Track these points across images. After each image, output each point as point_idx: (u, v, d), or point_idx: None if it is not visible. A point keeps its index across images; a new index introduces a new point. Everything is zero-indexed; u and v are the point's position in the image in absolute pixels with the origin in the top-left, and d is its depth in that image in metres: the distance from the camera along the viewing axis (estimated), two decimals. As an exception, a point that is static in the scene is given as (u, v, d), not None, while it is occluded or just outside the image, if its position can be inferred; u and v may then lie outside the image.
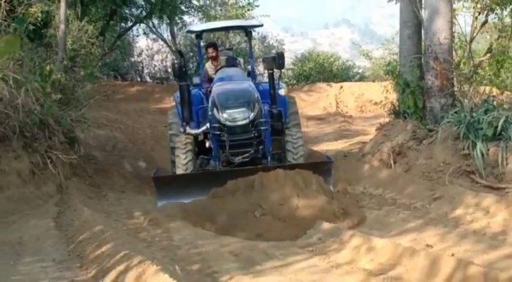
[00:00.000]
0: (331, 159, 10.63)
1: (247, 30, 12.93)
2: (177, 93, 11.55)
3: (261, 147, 10.25)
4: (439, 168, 11.18)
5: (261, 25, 12.91)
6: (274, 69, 10.93)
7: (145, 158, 14.73)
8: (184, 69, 10.80)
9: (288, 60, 24.88)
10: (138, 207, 10.57)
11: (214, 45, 12.73)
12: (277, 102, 10.79)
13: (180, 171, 10.85)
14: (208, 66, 12.38)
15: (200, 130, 10.61)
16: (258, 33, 28.04)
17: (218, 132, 10.13)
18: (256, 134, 10.08)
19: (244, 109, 9.93)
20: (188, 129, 10.61)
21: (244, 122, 9.89)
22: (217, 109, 10.00)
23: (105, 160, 14.49)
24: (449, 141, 11.39)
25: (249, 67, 12.92)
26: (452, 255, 7.45)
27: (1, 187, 11.26)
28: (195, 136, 10.82)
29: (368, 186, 11.90)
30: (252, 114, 9.96)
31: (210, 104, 10.36)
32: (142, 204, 10.88)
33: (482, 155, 10.59)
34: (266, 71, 11.99)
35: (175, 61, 11.49)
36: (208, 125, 10.58)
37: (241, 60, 14.18)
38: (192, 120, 10.85)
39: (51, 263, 8.29)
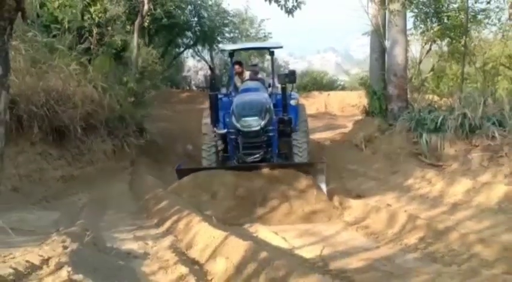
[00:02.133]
0: (324, 160, 9.27)
1: (270, 51, 11.85)
2: None
3: (269, 149, 9.29)
4: (396, 151, 11.18)
5: (281, 47, 11.56)
6: (287, 84, 9.77)
7: (192, 143, 14.66)
8: (213, 81, 9.84)
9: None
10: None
11: (240, 63, 11.68)
12: (288, 111, 9.70)
13: (205, 163, 10.12)
14: (236, 79, 11.27)
15: (225, 131, 9.49)
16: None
17: (234, 137, 9.22)
18: (265, 139, 9.13)
19: (256, 118, 8.85)
20: (216, 130, 9.63)
21: (256, 128, 8.83)
22: (235, 117, 8.96)
23: (163, 144, 14.50)
24: (403, 132, 11.39)
25: (271, 80, 11.53)
26: (405, 211, 7.43)
27: (92, 161, 11.37)
28: (223, 135, 9.69)
29: (346, 163, 11.90)
30: (263, 122, 8.87)
31: (230, 113, 9.30)
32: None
33: (427, 142, 10.58)
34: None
35: (207, 74, 10.88)
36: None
37: (264, 74, 13.44)
38: (219, 122, 9.76)
39: (126, 213, 8.36)
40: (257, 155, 9.03)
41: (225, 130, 9.48)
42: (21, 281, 4.50)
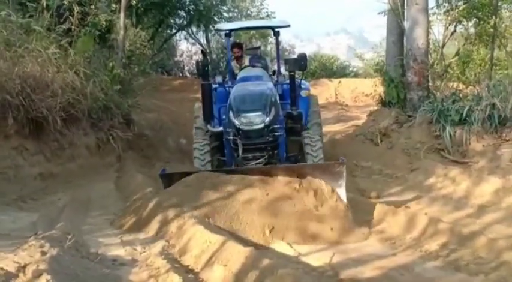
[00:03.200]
0: (344, 159, 7.72)
1: (275, 30, 10.63)
2: None
3: (275, 152, 8.26)
4: (416, 146, 11.19)
5: (288, 25, 10.38)
6: (296, 71, 8.96)
7: (185, 136, 14.65)
8: (207, 68, 8.86)
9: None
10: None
11: (239, 45, 11.03)
12: (298, 103, 8.83)
13: (198, 164, 8.98)
14: (234, 65, 10.51)
15: (220, 129, 8.56)
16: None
17: (232, 137, 8.13)
18: (271, 139, 8.07)
19: (260, 113, 7.92)
20: (209, 127, 8.70)
21: (259, 126, 7.88)
22: (233, 112, 8.07)
23: (154, 137, 14.51)
24: (424, 125, 11.39)
25: (275, 66, 10.85)
26: (426, 214, 7.44)
27: (73, 157, 11.38)
28: (218, 134, 8.77)
29: (359, 160, 11.90)
30: (268, 118, 7.95)
31: (227, 107, 8.43)
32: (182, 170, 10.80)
33: (450, 136, 10.58)
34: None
35: (199, 60, 9.27)
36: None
37: (268, 58, 12.49)
38: (214, 118, 8.91)
39: (112, 215, 8.36)
40: (261, 160, 8.04)
41: (221, 128, 8.66)
42: (-5, 290, 4.53)
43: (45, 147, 10.66)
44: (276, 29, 10.60)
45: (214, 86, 9.33)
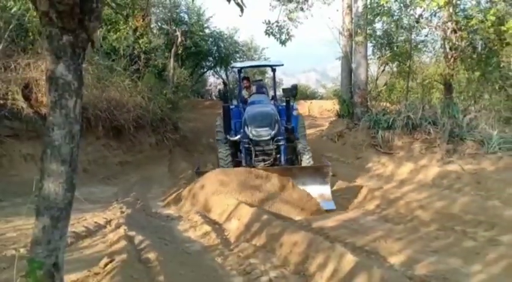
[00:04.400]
0: (329, 164, 7.45)
1: (272, 68, 9.97)
2: None
3: (278, 156, 7.68)
4: (360, 143, 11.10)
5: (282, 64, 9.65)
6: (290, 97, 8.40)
7: (213, 137, 14.65)
8: (226, 94, 8.46)
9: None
10: (210, 161, 10.46)
11: (248, 79, 10.42)
12: (291, 120, 8.28)
13: (222, 164, 8.03)
14: (244, 92, 9.84)
15: (237, 137, 7.88)
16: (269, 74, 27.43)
17: (247, 145, 7.60)
18: (275, 147, 7.59)
19: (267, 128, 7.47)
20: (228, 137, 8.07)
21: (267, 137, 7.46)
22: (248, 127, 7.55)
23: (193, 138, 14.42)
24: (365, 129, 11.33)
25: (272, 93, 10.10)
26: (366, 186, 7.46)
27: (141, 151, 11.36)
28: (234, 141, 8.03)
29: (324, 152, 11.83)
30: (273, 132, 7.49)
31: (243, 122, 7.85)
32: (212, 159, 10.70)
33: (382, 136, 10.52)
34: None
35: (221, 88, 8.85)
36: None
37: (267, 87, 10.98)
38: (231, 130, 8.30)
39: (166, 188, 8.36)
40: (268, 162, 7.55)
41: (237, 137, 7.91)
42: (91, 236, 4.53)
43: (122, 144, 10.68)
44: (274, 67, 9.93)
45: (231, 107, 8.73)
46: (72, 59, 2.16)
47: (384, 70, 15.17)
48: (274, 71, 9.94)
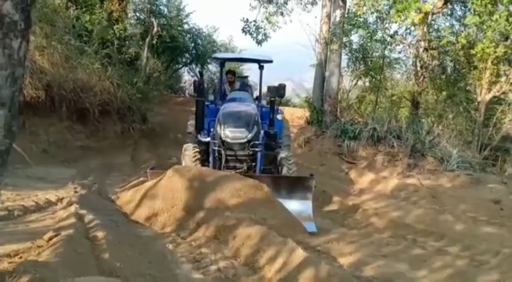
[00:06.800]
0: (314, 175, 6.41)
1: (260, 65, 8.32)
2: None
3: (253, 164, 6.56)
4: (325, 150, 11.16)
5: (271, 61, 8.24)
6: (276, 98, 7.28)
7: (182, 133, 14.47)
8: (202, 86, 7.21)
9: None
10: (174, 155, 10.35)
11: (233, 73, 9.19)
12: (274, 124, 7.14)
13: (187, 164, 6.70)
14: (226, 87, 8.66)
15: (208, 139, 6.65)
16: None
17: (217, 148, 6.42)
18: (250, 152, 6.47)
19: (243, 129, 6.40)
20: (199, 137, 6.88)
21: (242, 140, 6.38)
22: (221, 126, 6.48)
23: (160, 131, 14.22)
24: (332, 138, 11.42)
25: (257, 92, 8.84)
26: (324, 191, 7.53)
27: (105, 138, 11.09)
28: (206, 143, 6.79)
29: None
30: (250, 135, 6.41)
31: (216, 120, 6.75)
32: (176, 154, 10.57)
33: (347, 146, 10.65)
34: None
35: (196, 80, 7.67)
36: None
37: (253, 86, 9.63)
38: (204, 129, 7.07)
39: (126, 176, 8.22)
40: (240, 170, 6.37)
41: (208, 138, 6.69)
42: (40, 211, 4.42)
43: (86, 128, 10.44)
44: (261, 64, 8.34)
45: (206, 103, 7.50)
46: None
47: (356, 84, 15.43)
48: (261, 68, 8.42)
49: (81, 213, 4.04)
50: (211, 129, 6.82)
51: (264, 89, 8.26)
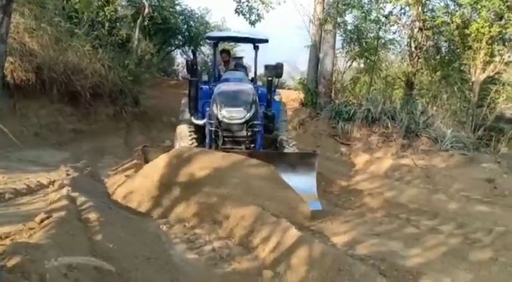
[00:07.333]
0: (317, 151, 6.18)
1: (255, 45, 7.77)
2: None
3: (252, 145, 6.21)
4: (320, 132, 11.16)
5: (267, 40, 7.74)
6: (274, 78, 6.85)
7: (175, 116, 14.38)
8: (195, 66, 6.63)
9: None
10: (167, 138, 10.28)
11: (228, 52, 8.78)
12: (272, 106, 6.76)
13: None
14: (221, 68, 8.25)
15: (202, 122, 6.39)
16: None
17: (214, 128, 6.09)
18: (249, 133, 6.12)
19: (241, 109, 6.03)
20: (193, 119, 6.51)
21: (240, 121, 6.03)
22: (217, 106, 6.09)
23: (153, 114, 14.11)
24: (326, 119, 11.39)
25: (251, 74, 8.39)
26: (320, 172, 7.52)
27: (96, 120, 11.01)
28: (199, 126, 6.50)
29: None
30: (248, 114, 6.04)
31: (212, 100, 6.35)
32: (169, 137, 10.50)
33: (341, 127, 10.64)
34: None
35: (189, 59, 7.16)
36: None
37: (248, 67, 9.20)
38: (198, 112, 6.68)
39: (119, 159, 8.16)
40: (237, 152, 5.84)
41: (203, 121, 6.41)
42: (31, 193, 4.38)
43: (77, 111, 10.33)
44: (256, 44, 7.78)
45: (200, 85, 7.00)
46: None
47: (350, 65, 15.36)
48: (256, 48, 7.90)
49: (73, 196, 4.01)
50: (206, 112, 6.51)
51: (260, 71, 7.95)
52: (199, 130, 6.54)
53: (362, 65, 15.61)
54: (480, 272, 3.51)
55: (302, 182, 5.42)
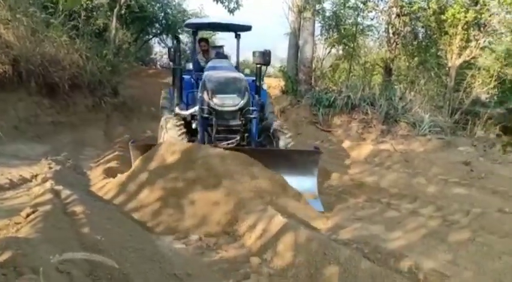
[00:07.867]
0: (319, 149, 5.83)
1: (236, 33, 7.51)
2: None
3: (246, 135, 5.97)
4: (301, 119, 11.27)
5: (250, 27, 7.40)
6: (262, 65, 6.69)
7: (154, 106, 14.27)
8: (178, 54, 6.37)
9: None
10: (148, 128, 10.22)
11: (206, 40, 8.45)
12: (260, 94, 6.64)
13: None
14: (200, 57, 7.88)
15: (189, 112, 6.12)
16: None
17: (206, 116, 5.76)
18: (243, 122, 5.87)
19: (234, 96, 5.78)
20: (177, 110, 6.27)
21: (233, 108, 5.75)
22: (208, 93, 5.77)
23: (132, 104, 13.94)
24: (307, 107, 11.52)
25: (233, 63, 7.85)
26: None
27: (75, 112, 10.80)
28: (183, 117, 6.18)
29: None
30: (242, 101, 5.78)
31: (200, 88, 6.02)
32: (150, 127, 10.39)
33: (322, 114, 10.77)
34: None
35: (172, 46, 6.97)
36: (197, 107, 5.99)
37: (229, 57, 8.52)
38: (182, 103, 6.43)
39: (100, 151, 8.09)
40: (232, 141, 5.78)
41: (189, 112, 6.14)
42: (14, 188, 4.35)
43: (56, 103, 10.12)
44: (238, 32, 7.53)
45: (182, 74, 6.74)
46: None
47: (330, 52, 15.44)
48: (238, 36, 7.61)
49: (57, 189, 4.00)
50: (191, 103, 6.30)
51: (242, 58, 7.39)
52: (184, 122, 6.13)
53: (341, 52, 15.70)
54: (459, 252, 3.64)
55: (303, 181, 5.28)
